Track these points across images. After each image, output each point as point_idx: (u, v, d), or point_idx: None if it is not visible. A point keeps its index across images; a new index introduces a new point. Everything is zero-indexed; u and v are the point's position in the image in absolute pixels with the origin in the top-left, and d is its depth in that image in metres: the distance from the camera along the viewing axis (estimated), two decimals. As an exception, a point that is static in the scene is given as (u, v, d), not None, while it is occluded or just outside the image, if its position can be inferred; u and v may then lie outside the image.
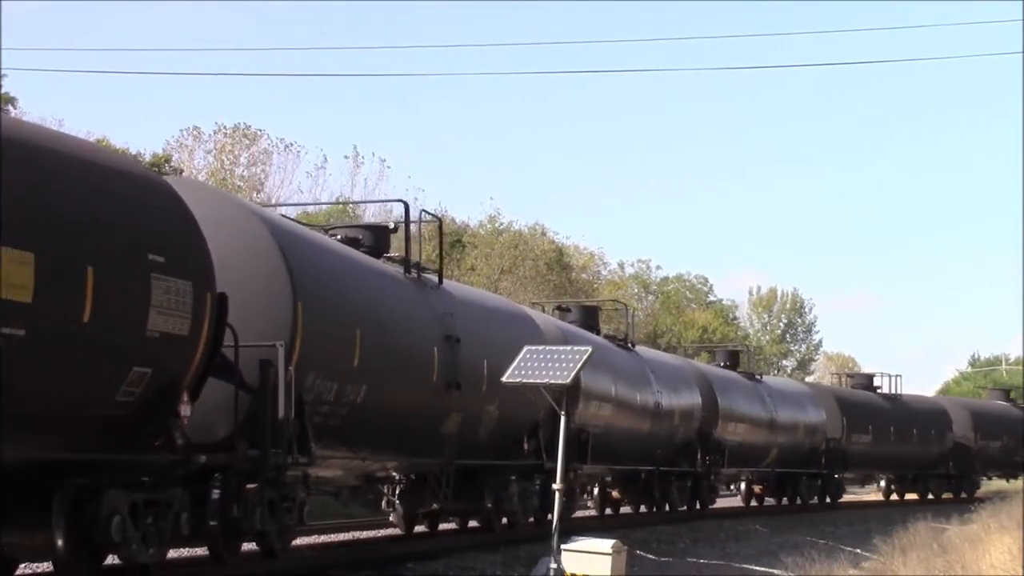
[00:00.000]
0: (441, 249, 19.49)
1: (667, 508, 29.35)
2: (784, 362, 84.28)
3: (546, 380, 15.15)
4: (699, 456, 29.87)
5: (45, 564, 13.62)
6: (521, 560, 17.76)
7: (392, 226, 18.81)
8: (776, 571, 18.82)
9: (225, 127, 47.58)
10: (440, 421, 18.03)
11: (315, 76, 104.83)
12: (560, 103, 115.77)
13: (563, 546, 14.79)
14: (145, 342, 11.16)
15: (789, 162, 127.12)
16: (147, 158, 36.98)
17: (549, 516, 22.29)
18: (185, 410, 11.89)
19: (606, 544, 14.87)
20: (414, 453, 17.95)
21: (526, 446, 21.14)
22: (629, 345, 27.69)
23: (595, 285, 60.92)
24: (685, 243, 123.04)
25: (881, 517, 28.43)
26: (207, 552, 14.26)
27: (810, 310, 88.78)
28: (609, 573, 14.51)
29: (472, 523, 22.00)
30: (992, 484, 49.43)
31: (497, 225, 53.64)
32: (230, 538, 13.66)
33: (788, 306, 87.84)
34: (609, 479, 28.46)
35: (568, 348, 16.08)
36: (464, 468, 19.28)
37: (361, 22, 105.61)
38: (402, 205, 18.76)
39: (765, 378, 38.41)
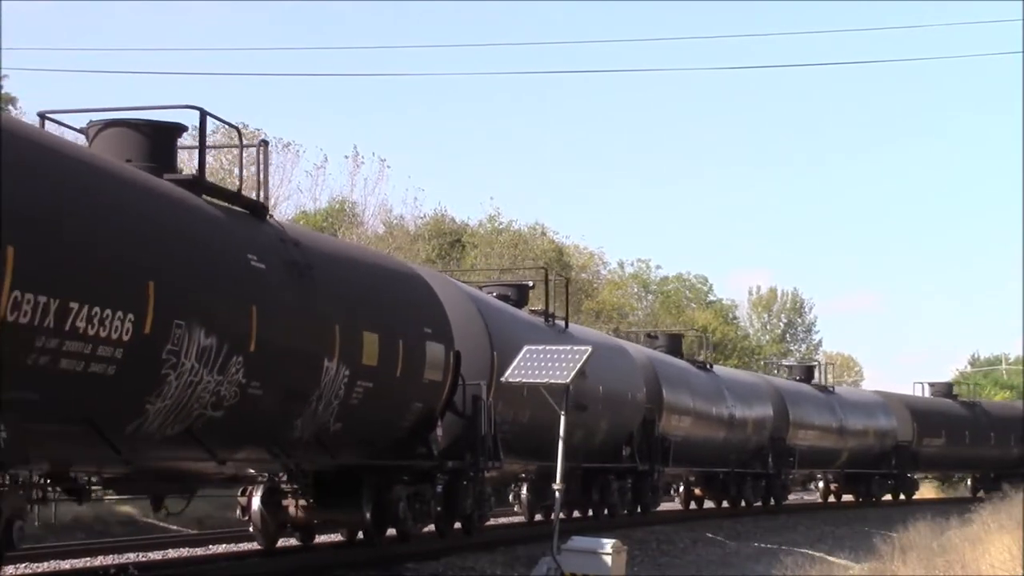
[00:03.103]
0: (567, 300, 25.12)
1: (743, 504, 34.96)
2: (784, 362, 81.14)
3: (546, 380, 15.40)
4: (770, 459, 35.40)
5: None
6: (521, 560, 18.43)
7: (531, 284, 24.53)
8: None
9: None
10: (571, 435, 23.64)
11: (315, 76, 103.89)
12: (560, 103, 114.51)
13: (563, 546, 15.03)
14: (421, 387, 16.84)
15: (789, 162, 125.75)
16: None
17: (629, 508, 28.18)
18: (439, 430, 17.56)
19: (606, 544, 15.06)
20: (550, 459, 23.54)
21: (624, 452, 26.85)
22: (707, 366, 33.57)
23: (595, 285, 62.09)
24: (685, 243, 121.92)
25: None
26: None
27: (810, 310, 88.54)
28: (609, 573, 14.64)
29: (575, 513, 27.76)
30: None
31: (497, 225, 54.53)
32: (448, 519, 19.35)
33: (788, 306, 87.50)
34: (692, 479, 34.41)
35: (568, 348, 16.36)
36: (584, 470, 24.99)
37: (361, 22, 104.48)
38: (541, 271, 24.52)
39: (838, 389, 44.08)
